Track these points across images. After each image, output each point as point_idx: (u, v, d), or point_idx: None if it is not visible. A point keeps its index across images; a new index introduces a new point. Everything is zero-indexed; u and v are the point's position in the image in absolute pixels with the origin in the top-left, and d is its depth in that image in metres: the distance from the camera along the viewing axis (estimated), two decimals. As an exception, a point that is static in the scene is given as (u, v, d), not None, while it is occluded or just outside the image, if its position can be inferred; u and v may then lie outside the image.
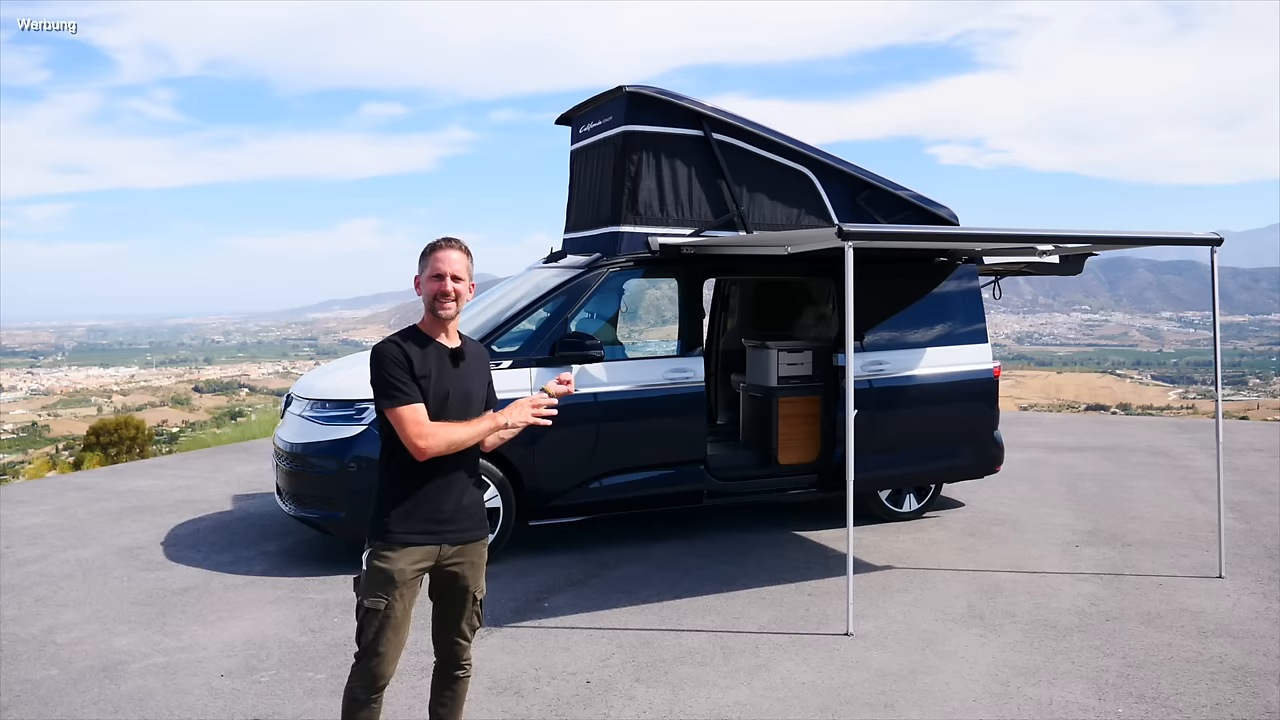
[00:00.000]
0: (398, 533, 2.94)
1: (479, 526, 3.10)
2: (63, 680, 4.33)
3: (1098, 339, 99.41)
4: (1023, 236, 5.76)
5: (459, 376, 3.01)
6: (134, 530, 7.02)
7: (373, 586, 2.93)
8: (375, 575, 2.93)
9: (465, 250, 3.00)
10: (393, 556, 2.93)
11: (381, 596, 2.92)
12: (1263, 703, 4.07)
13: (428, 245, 3.01)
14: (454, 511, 3.00)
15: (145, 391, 67.62)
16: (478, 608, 3.14)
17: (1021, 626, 4.97)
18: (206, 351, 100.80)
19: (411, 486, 2.95)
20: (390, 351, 2.93)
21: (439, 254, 2.97)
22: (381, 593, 2.92)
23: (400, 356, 2.92)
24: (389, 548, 2.93)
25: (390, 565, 2.92)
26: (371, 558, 2.95)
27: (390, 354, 2.93)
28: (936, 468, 7.09)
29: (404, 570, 2.94)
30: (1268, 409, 48.91)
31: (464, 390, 3.02)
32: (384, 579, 2.92)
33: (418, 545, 2.95)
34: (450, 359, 3.01)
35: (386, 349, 2.94)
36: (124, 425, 14.30)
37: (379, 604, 2.92)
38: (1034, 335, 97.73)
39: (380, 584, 2.92)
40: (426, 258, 2.98)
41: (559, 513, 6.15)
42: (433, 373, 2.95)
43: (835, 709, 4.02)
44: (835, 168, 6.88)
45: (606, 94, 6.71)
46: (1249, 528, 6.97)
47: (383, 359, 2.92)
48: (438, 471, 2.96)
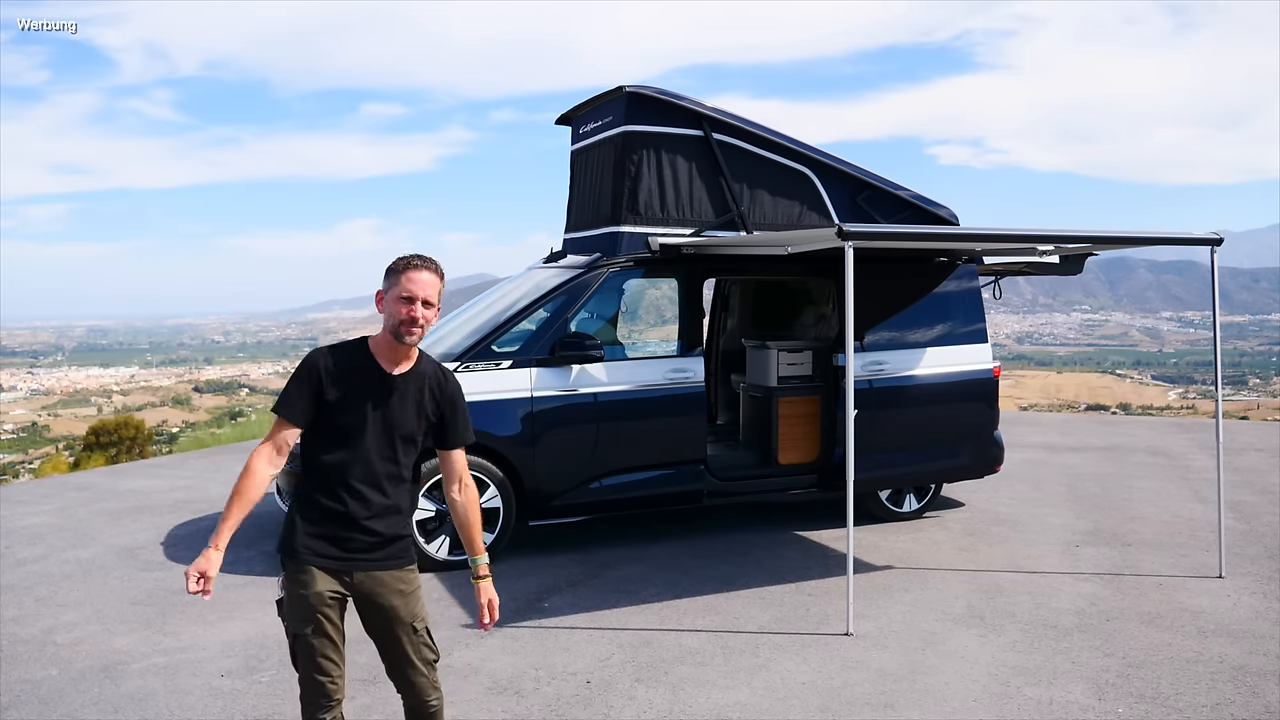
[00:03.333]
0: (305, 553, 2.76)
1: (399, 555, 2.85)
2: (63, 680, 4.33)
3: (1098, 339, 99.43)
4: (1023, 236, 5.76)
5: (385, 406, 2.78)
6: (134, 530, 7.02)
7: (294, 612, 2.76)
8: (294, 601, 2.76)
9: (438, 272, 2.78)
10: (306, 580, 2.75)
11: (302, 622, 2.75)
12: (1263, 703, 4.06)
13: (397, 261, 2.77)
14: (367, 543, 2.79)
15: (145, 391, 67.62)
16: (424, 639, 2.88)
17: (1021, 626, 4.97)
18: (206, 351, 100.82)
19: (327, 510, 2.77)
20: (309, 363, 2.77)
21: (411, 274, 2.73)
22: (300, 618, 2.75)
23: (315, 374, 2.75)
24: (300, 569, 2.76)
25: (306, 590, 2.75)
26: (287, 581, 2.78)
27: (307, 366, 2.77)
28: (936, 468, 7.08)
29: (321, 594, 2.75)
30: (1268, 409, 48.93)
31: (387, 420, 2.79)
32: (303, 604, 2.75)
33: (325, 570, 2.77)
34: (382, 385, 2.78)
35: (309, 360, 2.78)
36: (124, 425, 14.31)
37: (299, 628, 2.75)
38: (1034, 335, 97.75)
39: (301, 610, 2.75)
40: (395, 275, 2.75)
41: (559, 513, 6.15)
42: (352, 398, 2.75)
43: (835, 709, 4.02)
44: (835, 168, 6.88)
45: (606, 94, 6.71)
46: (1249, 528, 6.97)
47: (299, 368, 2.78)
48: (358, 501, 2.77)
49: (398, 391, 2.80)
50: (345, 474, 2.77)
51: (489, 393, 5.87)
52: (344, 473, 2.77)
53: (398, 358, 2.81)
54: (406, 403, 2.81)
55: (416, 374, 2.84)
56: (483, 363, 5.95)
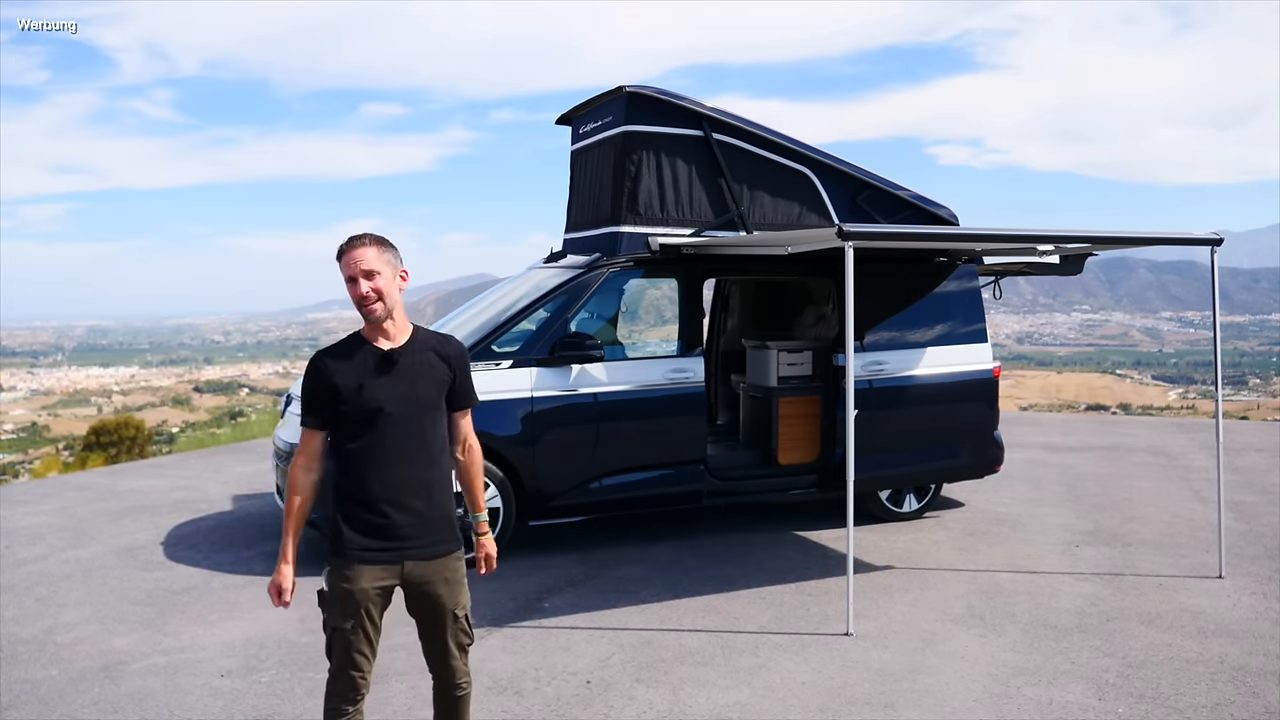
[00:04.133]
0: (354, 550, 2.79)
1: (448, 540, 2.90)
2: (63, 680, 4.33)
3: (1098, 339, 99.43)
4: (1023, 236, 5.76)
5: (394, 380, 2.81)
6: (134, 530, 7.02)
7: (336, 607, 2.81)
8: (338, 596, 2.81)
9: (377, 241, 2.82)
10: (352, 575, 2.79)
11: (346, 616, 2.80)
12: (1263, 703, 4.06)
13: (338, 249, 2.83)
14: (414, 526, 2.82)
15: (145, 391, 67.63)
16: (463, 625, 2.95)
17: (1021, 626, 4.97)
18: (206, 351, 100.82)
19: (367, 500, 2.80)
20: (314, 366, 2.84)
21: (347, 255, 2.79)
22: (345, 612, 2.80)
23: (323, 373, 2.81)
24: (348, 565, 2.80)
25: (351, 585, 2.79)
26: (332, 576, 2.82)
27: (314, 369, 2.84)
28: (936, 468, 7.09)
29: (366, 590, 2.80)
30: (1268, 409, 48.92)
31: (401, 395, 2.81)
32: (346, 599, 2.80)
33: (380, 564, 2.81)
34: (383, 362, 2.82)
35: (314, 363, 2.85)
36: (124, 425, 14.31)
37: (343, 622, 2.80)
38: (1034, 335, 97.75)
39: (344, 604, 2.80)
40: (339, 264, 2.81)
41: (559, 513, 6.15)
42: (361, 384, 2.78)
43: (835, 709, 4.02)
44: (835, 168, 6.88)
45: (606, 94, 6.71)
46: (1249, 528, 6.97)
47: (308, 374, 2.85)
48: (395, 483, 2.81)
49: (401, 363, 2.83)
50: (374, 457, 2.80)
51: (489, 393, 5.87)
52: (373, 455, 2.80)
53: (387, 334, 2.86)
54: (416, 371, 2.85)
55: (415, 342, 2.89)
56: (483, 363, 5.95)
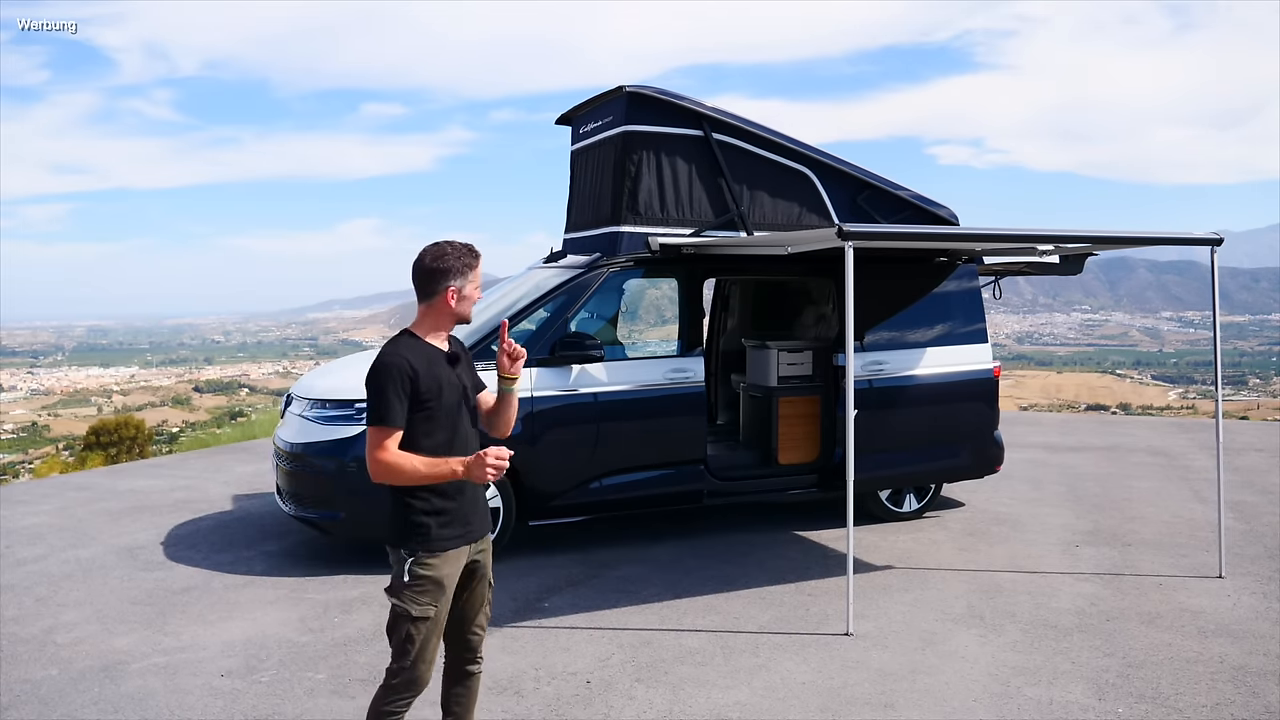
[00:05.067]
0: (440, 539, 2.96)
1: (488, 517, 3.20)
2: (63, 680, 4.33)
3: (1098, 339, 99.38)
4: (1023, 236, 5.76)
5: (459, 376, 3.05)
6: (134, 530, 7.02)
7: (422, 595, 2.93)
8: (423, 583, 2.93)
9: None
10: (437, 563, 2.95)
11: (431, 604, 2.94)
12: (1263, 703, 4.07)
13: (466, 252, 2.98)
14: (475, 508, 3.07)
15: (145, 391, 67.58)
16: (490, 594, 3.22)
17: (1021, 626, 4.97)
18: (206, 351, 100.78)
19: (449, 493, 2.97)
20: (396, 368, 2.88)
21: (478, 268, 3.02)
22: (431, 600, 2.94)
23: (405, 374, 2.88)
24: (433, 555, 2.95)
25: (437, 572, 2.95)
26: (415, 566, 2.94)
27: (395, 371, 2.87)
28: (936, 468, 7.09)
29: (451, 575, 2.99)
30: (1268, 409, 48.90)
31: (466, 393, 3.07)
32: (433, 586, 2.94)
33: (458, 548, 3.00)
34: (448, 362, 3.03)
35: (394, 364, 2.88)
36: (124, 425, 14.30)
37: (428, 611, 2.94)
38: (1034, 335, 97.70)
39: (430, 591, 2.94)
40: (469, 271, 2.98)
41: (559, 513, 6.15)
42: (437, 386, 2.95)
43: (835, 709, 4.02)
44: (835, 168, 6.88)
45: (606, 94, 6.71)
46: (1249, 528, 6.96)
47: (386, 376, 2.87)
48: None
49: (461, 361, 3.09)
50: (455, 451, 2.97)
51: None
52: (453, 450, 2.97)
53: (443, 338, 3.07)
54: (467, 366, 3.13)
55: (455, 343, 3.14)
56: (483, 363, 5.94)
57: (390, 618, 2.97)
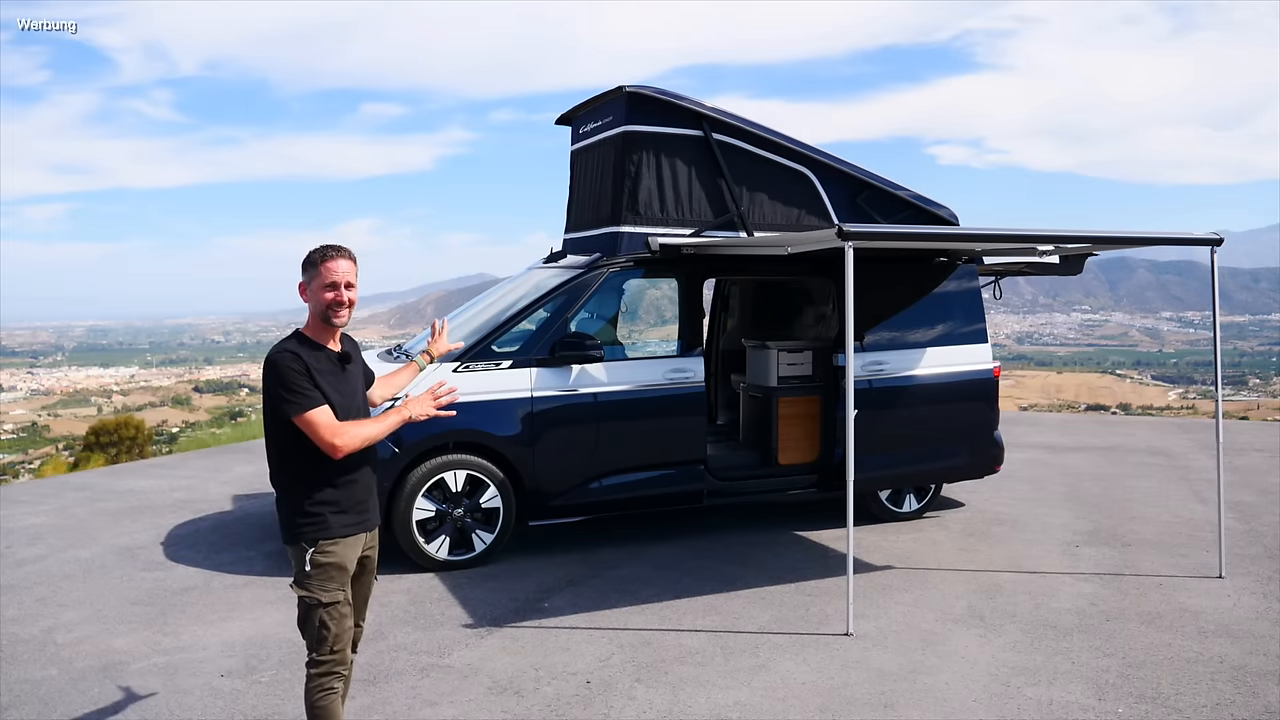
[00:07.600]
0: (337, 525, 3.10)
1: (378, 508, 3.35)
2: (63, 680, 4.33)
3: (1098, 339, 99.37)
4: (1023, 236, 5.76)
5: (347, 378, 3.18)
6: (134, 530, 7.02)
7: (328, 581, 3.09)
8: (327, 570, 3.09)
9: (353, 258, 3.15)
10: (337, 550, 3.10)
11: (339, 588, 3.11)
12: (1263, 703, 4.07)
13: (314, 254, 3.11)
14: (368, 500, 3.23)
15: (145, 391, 67.54)
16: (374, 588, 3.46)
17: (1021, 626, 4.97)
18: (206, 351, 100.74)
19: (338, 483, 3.11)
20: (288, 360, 3.03)
21: (330, 264, 3.08)
22: (338, 585, 3.11)
23: (299, 364, 3.02)
24: (333, 541, 3.10)
25: (338, 558, 3.10)
26: (317, 554, 3.08)
27: (288, 363, 3.02)
28: (936, 468, 7.08)
29: (350, 559, 3.15)
30: (1268, 409, 48.88)
31: (352, 390, 3.19)
32: (337, 570, 3.10)
33: (355, 535, 3.16)
34: (339, 363, 3.16)
35: (284, 358, 3.03)
36: (124, 425, 14.30)
37: (336, 595, 3.10)
38: (1034, 335, 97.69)
39: (335, 577, 3.10)
40: (315, 267, 3.08)
41: (559, 513, 6.15)
42: (329, 384, 3.07)
43: (835, 709, 4.02)
44: (835, 168, 6.88)
45: (606, 94, 6.71)
46: (1249, 528, 6.97)
47: (282, 368, 3.02)
48: (357, 465, 3.15)
49: (351, 362, 3.23)
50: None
51: (489, 393, 5.87)
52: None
53: (335, 338, 3.19)
54: (357, 371, 3.27)
55: (349, 345, 3.29)
56: (483, 363, 5.95)
57: (301, 611, 3.11)
